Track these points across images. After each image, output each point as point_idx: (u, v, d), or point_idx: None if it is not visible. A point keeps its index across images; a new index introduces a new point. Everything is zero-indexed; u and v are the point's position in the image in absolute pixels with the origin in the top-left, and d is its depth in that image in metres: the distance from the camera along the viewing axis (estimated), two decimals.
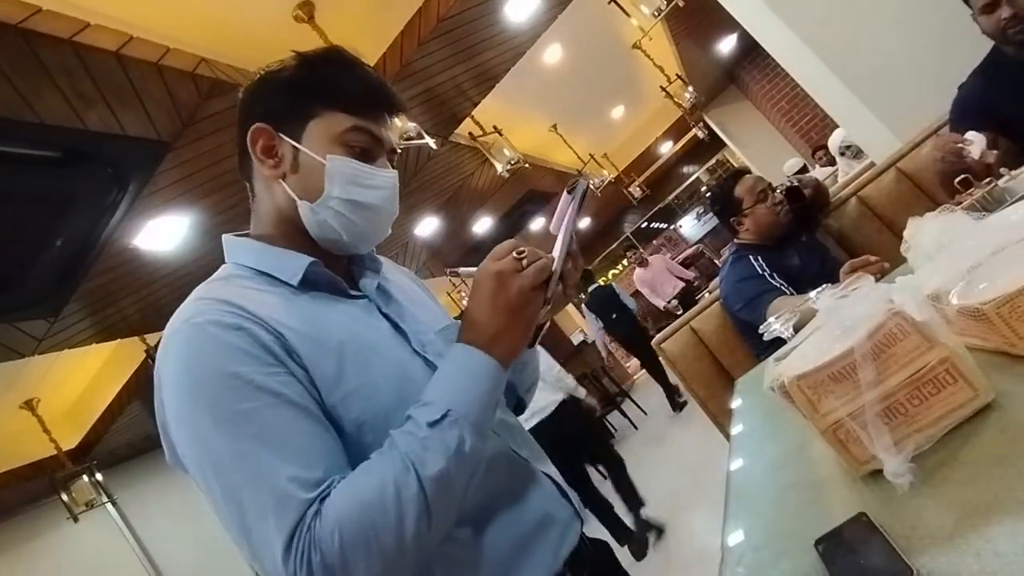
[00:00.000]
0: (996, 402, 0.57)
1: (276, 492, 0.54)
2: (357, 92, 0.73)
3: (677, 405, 5.43)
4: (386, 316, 0.75)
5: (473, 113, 4.25)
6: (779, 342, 0.73)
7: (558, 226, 0.67)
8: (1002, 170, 1.02)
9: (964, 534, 0.43)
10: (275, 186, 0.74)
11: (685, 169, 11.44)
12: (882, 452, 0.55)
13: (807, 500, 0.67)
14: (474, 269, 0.67)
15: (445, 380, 0.62)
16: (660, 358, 2.16)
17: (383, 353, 0.69)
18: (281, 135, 0.72)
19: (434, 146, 2.92)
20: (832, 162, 5.18)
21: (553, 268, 0.64)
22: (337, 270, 0.75)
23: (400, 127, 2.62)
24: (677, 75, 6.05)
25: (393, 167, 0.77)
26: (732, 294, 1.84)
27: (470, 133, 4.32)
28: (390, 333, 0.73)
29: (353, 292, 0.75)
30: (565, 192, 0.67)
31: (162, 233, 2.94)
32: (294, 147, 0.72)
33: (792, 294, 1.71)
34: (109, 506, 4.46)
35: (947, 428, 0.56)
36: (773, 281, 1.75)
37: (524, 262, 0.62)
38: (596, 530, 3.86)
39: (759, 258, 1.82)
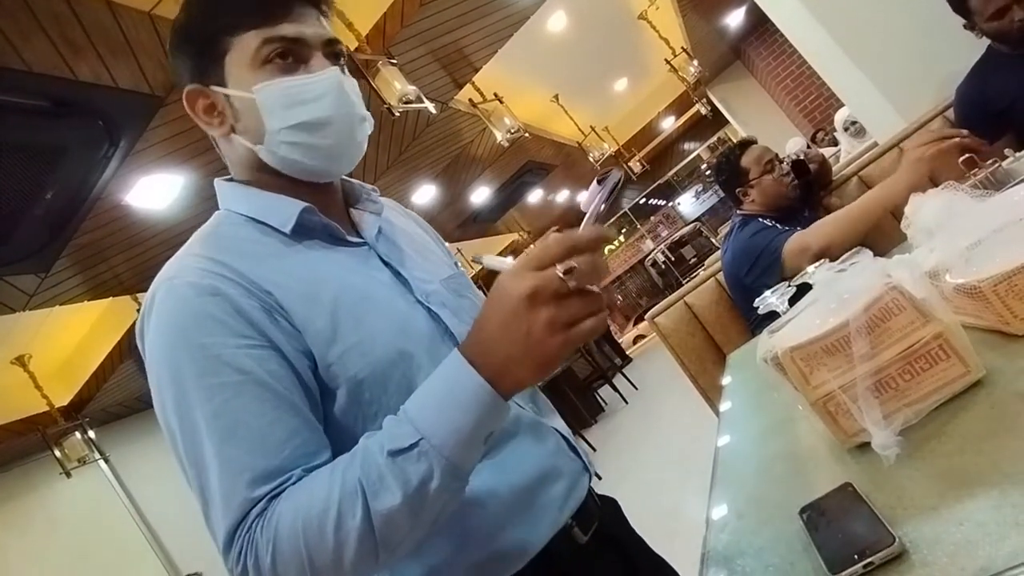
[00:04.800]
0: (987, 379, 0.57)
1: (224, 482, 0.53)
2: (252, 3, 0.64)
3: None
4: (387, 264, 0.70)
5: (474, 79, 4.17)
6: (774, 317, 0.73)
7: (587, 206, 0.61)
8: (1007, 151, 1.01)
9: (948, 504, 0.44)
10: (231, 142, 0.69)
11: (686, 146, 11.35)
12: (871, 425, 0.55)
13: (793, 471, 0.67)
14: (506, 261, 0.54)
15: (429, 397, 0.52)
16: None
17: (381, 305, 0.65)
18: (212, 87, 0.66)
19: (433, 111, 2.87)
20: (834, 143, 5.14)
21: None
22: (334, 213, 0.71)
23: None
24: (683, 48, 5.95)
25: (340, 63, 0.68)
26: (742, 252, 1.75)
27: (470, 100, 4.25)
28: (390, 282, 0.69)
29: (351, 239, 0.71)
30: (595, 181, 0.62)
31: (154, 191, 2.90)
32: (227, 96, 0.66)
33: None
34: (102, 463, 4.51)
35: (937, 403, 0.57)
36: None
37: (572, 284, 0.47)
38: (607, 489, 3.93)
39: (768, 219, 1.79)
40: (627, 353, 8.62)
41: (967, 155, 1.05)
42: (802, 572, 0.47)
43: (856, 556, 0.43)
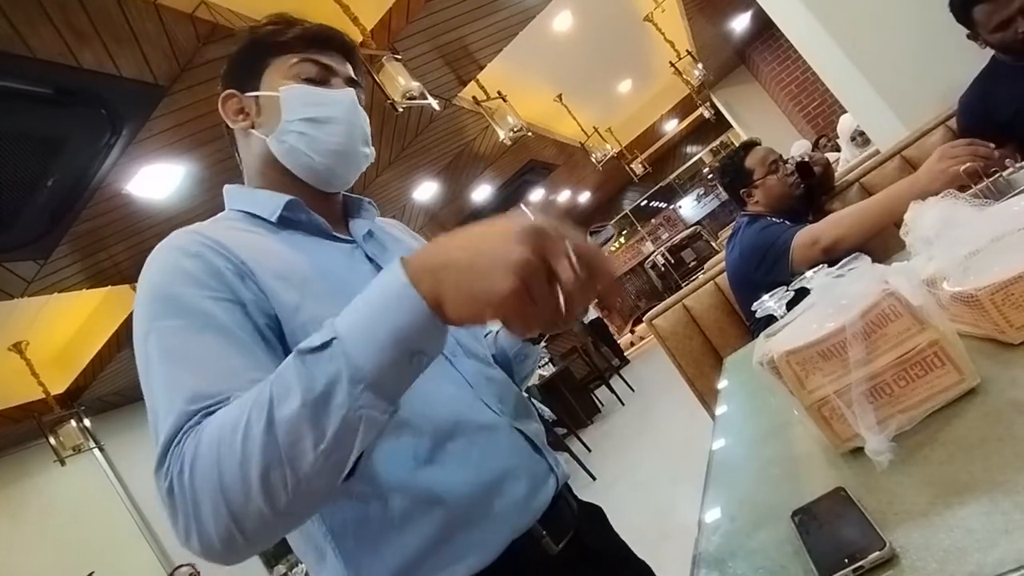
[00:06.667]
0: (981, 387, 0.57)
1: (169, 400, 0.54)
2: (299, 34, 0.77)
3: None
4: (371, 259, 0.76)
5: (478, 77, 4.17)
6: (773, 321, 0.73)
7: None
8: (1007, 161, 1.01)
9: (939, 511, 0.44)
10: (249, 137, 0.78)
11: (689, 149, 11.35)
12: (865, 430, 0.55)
13: (786, 475, 0.67)
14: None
15: (357, 300, 0.49)
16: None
17: (357, 289, 0.65)
18: (245, 94, 0.78)
19: (437, 108, 2.87)
20: (836, 149, 5.14)
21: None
22: (329, 213, 0.78)
23: (405, 86, 2.57)
24: (687, 51, 5.95)
25: (359, 95, 0.80)
26: (751, 248, 1.73)
27: (474, 97, 4.25)
28: (371, 275, 0.68)
29: (338, 235, 0.77)
30: (588, 233, 0.62)
31: (156, 180, 2.90)
32: (255, 97, 0.77)
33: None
34: (96, 452, 4.50)
35: (931, 410, 0.57)
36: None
37: (569, 258, 0.44)
38: (602, 489, 3.93)
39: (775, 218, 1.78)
40: (625, 355, 8.63)
41: (969, 164, 1.05)
42: (792, 575, 0.48)
43: (846, 560, 0.43)
